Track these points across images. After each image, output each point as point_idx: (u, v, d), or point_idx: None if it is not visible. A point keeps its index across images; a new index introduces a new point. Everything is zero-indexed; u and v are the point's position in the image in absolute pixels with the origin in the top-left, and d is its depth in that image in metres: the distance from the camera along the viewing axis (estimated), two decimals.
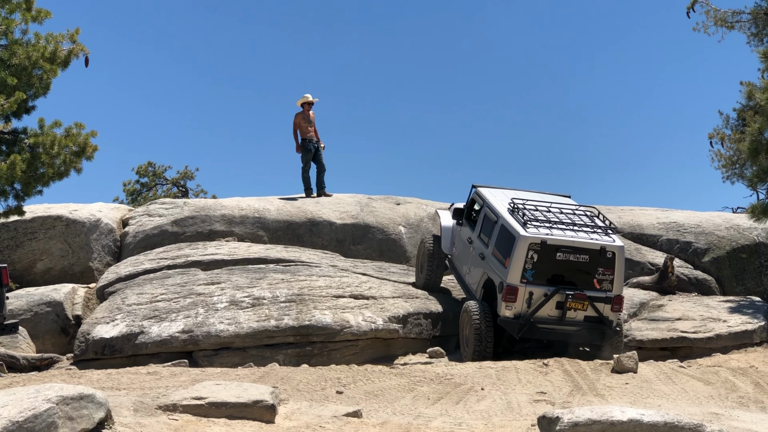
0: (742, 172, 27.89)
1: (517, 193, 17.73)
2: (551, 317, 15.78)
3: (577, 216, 16.56)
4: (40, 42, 16.32)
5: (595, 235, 15.99)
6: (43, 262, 20.12)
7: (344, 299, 17.37)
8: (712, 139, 30.79)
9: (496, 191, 17.69)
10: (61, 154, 16.16)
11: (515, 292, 15.62)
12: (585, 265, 15.77)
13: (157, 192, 40.76)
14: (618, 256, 15.83)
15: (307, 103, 22.49)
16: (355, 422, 10.85)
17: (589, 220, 16.48)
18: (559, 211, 16.57)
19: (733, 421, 11.19)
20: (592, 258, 15.76)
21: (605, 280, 15.84)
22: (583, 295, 15.65)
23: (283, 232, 21.35)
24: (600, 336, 15.99)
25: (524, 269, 15.63)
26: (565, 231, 15.93)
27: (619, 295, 15.94)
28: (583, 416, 8.76)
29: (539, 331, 15.88)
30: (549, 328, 15.87)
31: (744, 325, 17.37)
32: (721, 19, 26.45)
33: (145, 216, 21.50)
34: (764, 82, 18.44)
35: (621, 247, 15.95)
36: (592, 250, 15.75)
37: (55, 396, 8.87)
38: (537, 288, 15.67)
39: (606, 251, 15.76)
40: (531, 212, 16.25)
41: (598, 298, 15.79)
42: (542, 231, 15.77)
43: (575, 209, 16.82)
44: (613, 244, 15.86)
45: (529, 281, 15.66)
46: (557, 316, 15.77)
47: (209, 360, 16.05)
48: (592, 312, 15.78)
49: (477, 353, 15.92)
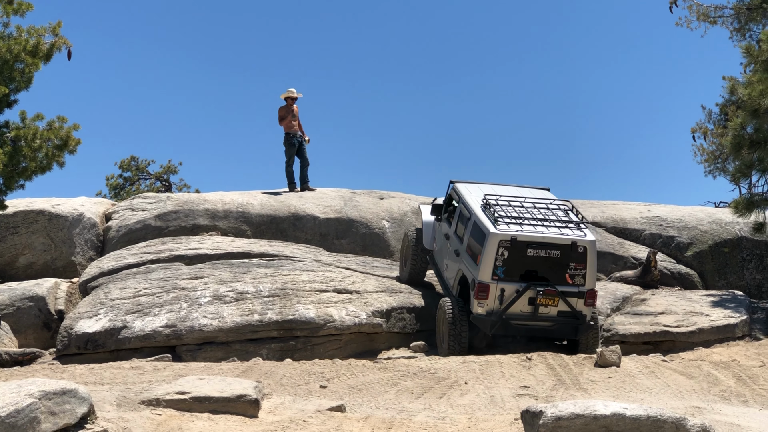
0: (724, 166, 28.00)
1: (494, 187, 17.75)
2: (524, 313, 15.81)
3: (551, 211, 16.54)
4: (21, 35, 16.24)
5: (566, 230, 16.01)
6: (25, 256, 20.04)
7: (328, 294, 17.37)
8: (695, 133, 30.90)
9: (472, 186, 17.69)
10: (44, 148, 16.09)
11: (487, 289, 15.66)
12: (556, 260, 15.79)
13: (140, 186, 40.63)
14: (590, 250, 15.85)
15: (291, 98, 22.43)
16: (339, 417, 10.85)
17: (563, 215, 16.47)
18: (533, 206, 16.56)
19: (716, 415, 11.24)
20: (564, 253, 15.78)
21: (577, 274, 15.86)
22: (553, 291, 15.69)
23: (267, 226, 21.32)
24: (574, 330, 16.03)
25: (495, 266, 15.65)
26: (536, 227, 15.92)
27: (592, 290, 15.96)
28: (566, 410, 8.78)
29: (512, 327, 15.91)
30: (522, 324, 15.91)
31: (726, 319, 17.42)
32: (703, 14, 26.55)
33: (128, 210, 21.44)
34: (747, 77, 18.47)
35: (592, 242, 15.97)
36: (563, 246, 15.78)
37: (37, 391, 8.85)
38: (509, 284, 15.69)
39: (577, 246, 15.79)
40: (503, 208, 16.25)
41: (571, 293, 15.82)
42: (513, 227, 15.78)
43: (549, 204, 16.78)
44: (584, 238, 15.88)
45: (501, 278, 15.67)
46: (530, 312, 15.80)
47: (192, 354, 16.02)
48: (565, 307, 15.82)
49: (451, 350, 15.96)
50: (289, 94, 22.40)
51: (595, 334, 16.38)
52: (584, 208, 22.89)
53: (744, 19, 25.61)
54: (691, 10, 26.73)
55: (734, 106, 25.09)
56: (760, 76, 17.48)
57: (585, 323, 15.96)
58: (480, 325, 15.94)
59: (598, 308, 17.76)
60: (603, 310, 17.86)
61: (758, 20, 25.43)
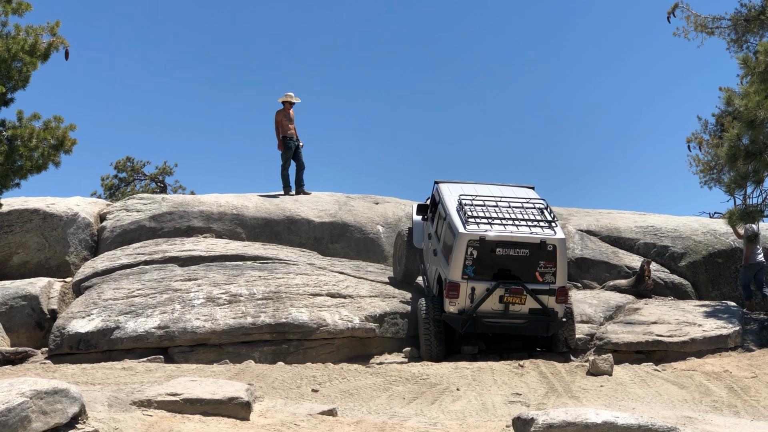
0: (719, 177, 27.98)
1: (476, 187, 18.08)
2: (495, 311, 16.14)
3: (525, 210, 16.82)
4: (19, 34, 16.22)
5: (536, 228, 16.32)
6: (19, 255, 20.02)
7: (321, 297, 17.37)
8: (691, 143, 30.88)
9: (454, 186, 18.02)
10: (40, 147, 16.07)
11: (457, 288, 16.03)
12: (526, 258, 16.10)
13: (135, 187, 40.58)
14: (559, 248, 16.15)
15: (289, 102, 22.45)
16: (330, 421, 10.85)
17: (536, 213, 16.73)
18: (508, 205, 16.85)
19: (707, 425, 11.25)
20: (533, 251, 16.10)
21: (548, 272, 16.17)
22: (519, 290, 16.01)
23: (261, 229, 21.32)
24: (545, 327, 16.34)
25: (465, 265, 16.01)
26: (506, 226, 16.25)
27: (562, 287, 16.26)
28: (557, 418, 8.79)
29: (483, 325, 16.25)
30: (494, 322, 16.24)
31: (719, 329, 17.44)
32: (701, 25, 26.56)
33: (123, 211, 21.43)
34: (743, 88, 18.50)
35: (562, 240, 16.25)
36: (532, 244, 16.10)
37: (29, 390, 8.84)
38: (479, 283, 16.05)
39: (546, 244, 16.11)
40: (476, 208, 16.56)
41: (542, 291, 16.13)
42: (482, 227, 16.13)
43: (524, 203, 17.03)
44: (553, 237, 16.17)
45: (471, 277, 16.04)
46: (501, 310, 16.13)
47: (185, 356, 16.01)
48: (536, 304, 16.11)
49: (426, 350, 16.36)
50: (288, 98, 22.42)
51: (571, 329, 16.76)
52: (579, 216, 22.95)
53: (741, 30, 25.64)
54: (689, 21, 26.73)
55: (730, 116, 25.13)
56: (757, 87, 17.50)
57: (556, 320, 16.27)
58: (452, 324, 16.28)
59: (590, 316, 17.83)
60: (596, 318, 17.89)
61: (756, 32, 25.47)
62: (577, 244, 21.39)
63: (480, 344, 16.89)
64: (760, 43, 18.96)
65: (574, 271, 20.71)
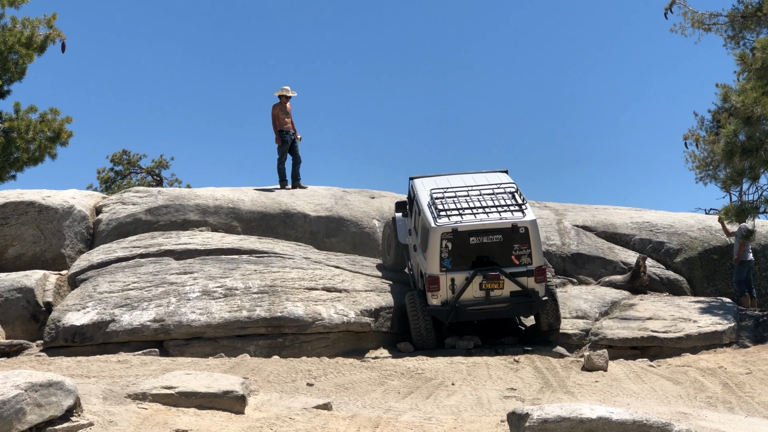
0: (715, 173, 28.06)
1: (449, 178, 18.39)
2: (478, 298, 16.47)
3: (496, 196, 17.16)
4: (16, 26, 16.23)
5: (506, 213, 16.67)
6: (14, 247, 19.99)
7: (317, 292, 17.37)
8: (687, 140, 30.97)
9: (428, 181, 18.33)
10: (36, 140, 16.09)
11: (437, 281, 16.39)
12: (501, 243, 16.46)
13: (131, 180, 40.62)
14: (531, 230, 16.51)
15: (285, 96, 22.44)
16: (325, 415, 10.85)
17: (507, 198, 17.09)
18: (479, 193, 17.21)
19: (701, 421, 11.27)
20: (506, 236, 16.45)
21: (523, 254, 16.53)
22: (495, 275, 16.35)
23: (257, 223, 21.30)
24: (528, 308, 16.75)
25: (441, 258, 16.35)
26: (476, 215, 16.60)
27: (539, 267, 16.60)
28: (552, 413, 8.80)
29: (467, 313, 16.59)
30: (477, 309, 16.58)
31: (714, 325, 17.45)
32: (698, 21, 26.58)
33: (119, 204, 21.41)
34: (740, 84, 18.52)
35: (533, 221, 16.62)
36: (504, 229, 16.47)
37: (23, 382, 8.85)
38: (458, 274, 16.40)
39: (518, 228, 16.46)
40: (447, 201, 16.95)
41: (520, 273, 16.47)
42: (453, 219, 16.49)
43: (495, 188, 17.38)
44: (523, 219, 16.54)
45: (449, 269, 16.39)
46: (483, 297, 16.45)
47: (180, 349, 16.00)
48: (516, 287, 16.43)
49: (417, 342, 16.71)
50: (284, 92, 22.40)
51: (555, 307, 17.10)
52: (575, 211, 22.96)
53: (738, 26, 25.66)
54: (686, 17, 26.75)
55: (727, 113, 25.16)
56: (754, 84, 17.52)
57: (538, 300, 16.60)
58: (437, 316, 16.60)
59: (586, 312, 17.85)
60: (591, 314, 17.90)
61: (752, 28, 25.49)
62: (572, 240, 21.40)
63: (475, 339, 16.92)
64: (757, 39, 18.97)
65: (569, 266, 20.74)
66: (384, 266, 19.65)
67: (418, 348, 16.63)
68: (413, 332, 16.82)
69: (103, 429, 9.35)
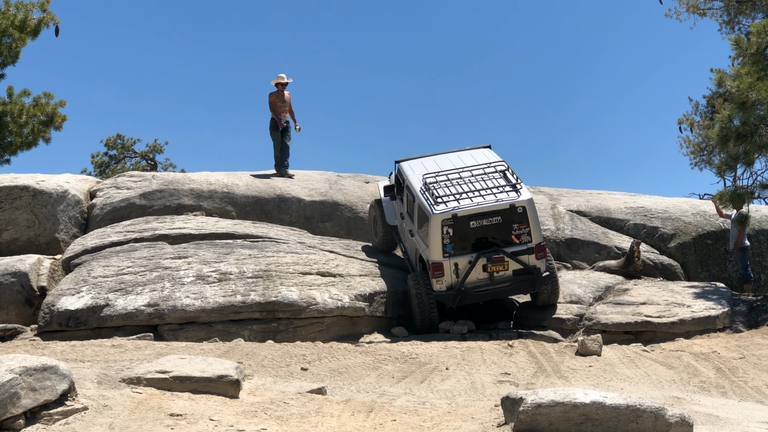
0: (710, 159, 28.02)
1: (435, 159, 18.50)
2: (482, 280, 16.65)
3: (488, 176, 17.30)
4: (10, 10, 16.17)
5: (502, 194, 16.83)
6: (8, 232, 19.96)
7: (311, 276, 17.37)
8: (682, 125, 30.93)
9: (415, 164, 18.42)
10: (30, 123, 16.06)
11: (441, 267, 16.56)
12: (500, 225, 16.67)
13: (125, 165, 40.52)
14: (528, 208, 16.73)
15: (281, 84, 22.34)
16: (319, 399, 10.87)
17: (500, 176, 17.27)
18: (471, 175, 17.34)
19: (695, 405, 11.29)
20: (505, 217, 16.64)
21: (522, 233, 16.77)
22: (500, 257, 16.57)
23: (252, 207, 21.30)
24: (531, 285, 17.00)
25: (443, 244, 16.51)
26: (473, 199, 16.74)
27: (539, 243, 16.83)
28: (546, 398, 8.82)
29: (473, 295, 16.77)
30: (482, 290, 16.75)
31: (708, 310, 17.47)
32: (693, 6, 26.52)
33: (113, 188, 21.38)
34: (735, 69, 18.49)
35: (530, 200, 16.82)
36: (502, 210, 16.63)
37: (18, 367, 8.85)
38: (460, 258, 16.58)
39: (516, 207, 16.67)
40: (441, 186, 17.03)
41: (521, 251, 16.71)
42: (451, 205, 16.61)
43: (486, 168, 17.53)
44: (520, 199, 16.74)
45: (452, 254, 16.56)
46: (487, 278, 16.62)
47: (174, 334, 16.00)
48: (518, 265, 16.65)
49: (421, 325, 16.86)
50: (279, 80, 22.33)
51: (555, 283, 17.35)
52: (569, 196, 22.96)
53: (733, 11, 25.59)
54: (681, 2, 26.65)
55: (721, 98, 25.12)
56: (749, 69, 17.50)
57: (540, 276, 16.83)
58: (444, 301, 16.77)
59: (580, 297, 17.87)
60: (585, 299, 17.92)
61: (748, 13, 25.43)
62: (567, 225, 21.40)
63: (469, 324, 16.94)
64: (752, 24, 18.93)
65: (563, 251, 20.74)
66: (373, 247, 19.88)
67: (421, 331, 16.76)
68: (417, 316, 16.96)
69: (97, 413, 9.36)
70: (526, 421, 8.78)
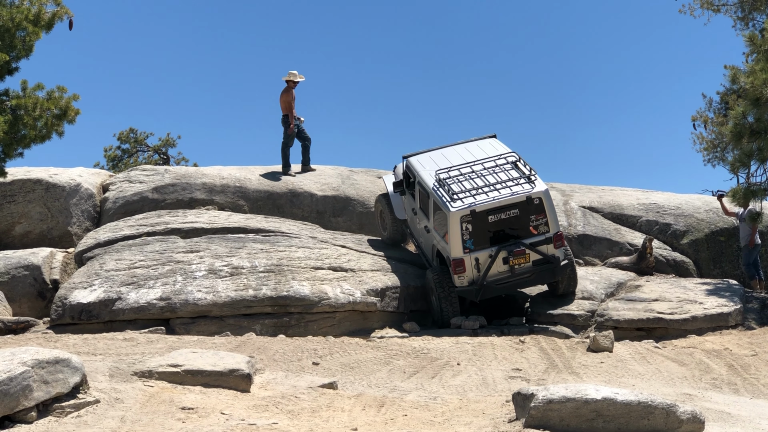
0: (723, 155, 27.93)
1: (443, 152, 18.56)
2: (503, 273, 16.76)
3: (501, 168, 17.37)
4: (24, 3, 16.18)
5: (517, 187, 16.90)
6: (21, 225, 20.02)
7: (323, 271, 17.38)
8: (695, 121, 30.82)
9: (424, 158, 18.47)
10: (43, 117, 16.05)
11: (462, 263, 16.63)
12: (517, 217, 16.77)
13: (138, 159, 40.55)
14: (545, 199, 16.86)
15: (294, 81, 21.98)
16: (331, 394, 10.88)
17: (513, 169, 17.35)
18: (483, 168, 17.41)
19: (706, 402, 11.27)
20: (522, 209, 16.76)
21: (540, 224, 16.89)
22: (521, 250, 16.70)
23: (264, 202, 21.31)
24: (551, 274, 17.14)
25: (463, 240, 16.57)
26: (489, 193, 16.79)
27: (557, 233, 16.96)
28: (557, 394, 8.80)
29: (495, 289, 16.87)
30: (504, 283, 16.86)
31: (720, 307, 17.43)
32: (707, 2, 26.50)
33: (126, 182, 21.43)
34: (749, 66, 18.42)
35: (546, 191, 16.95)
36: (519, 203, 16.74)
37: (30, 359, 8.87)
38: (481, 252, 16.66)
39: (532, 199, 16.77)
40: (456, 182, 17.07)
41: (539, 242, 16.84)
42: (468, 200, 16.69)
43: (497, 160, 17.58)
44: (536, 190, 16.85)
45: (472, 249, 16.63)
46: (508, 270, 16.74)
47: (186, 328, 16.04)
48: (538, 256, 16.78)
49: (446, 315, 16.89)
50: (291, 77, 22.02)
51: (573, 271, 17.51)
52: (581, 192, 22.92)
53: (748, 8, 25.56)
54: None
55: (735, 95, 25.03)
56: (763, 65, 17.43)
57: (559, 264, 16.96)
58: (466, 296, 16.91)
59: (592, 293, 17.85)
60: (597, 295, 17.89)
61: (762, 9, 25.38)
62: (579, 221, 21.37)
63: (481, 319, 16.93)
64: (767, 20, 18.88)
65: (576, 247, 20.70)
66: (382, 240, 19.94)
67: (440, 326, 16.86)
68: (437, 311, 17.06)
69: (109, 406, 9.39)
70: (537, 417, 8.77)
